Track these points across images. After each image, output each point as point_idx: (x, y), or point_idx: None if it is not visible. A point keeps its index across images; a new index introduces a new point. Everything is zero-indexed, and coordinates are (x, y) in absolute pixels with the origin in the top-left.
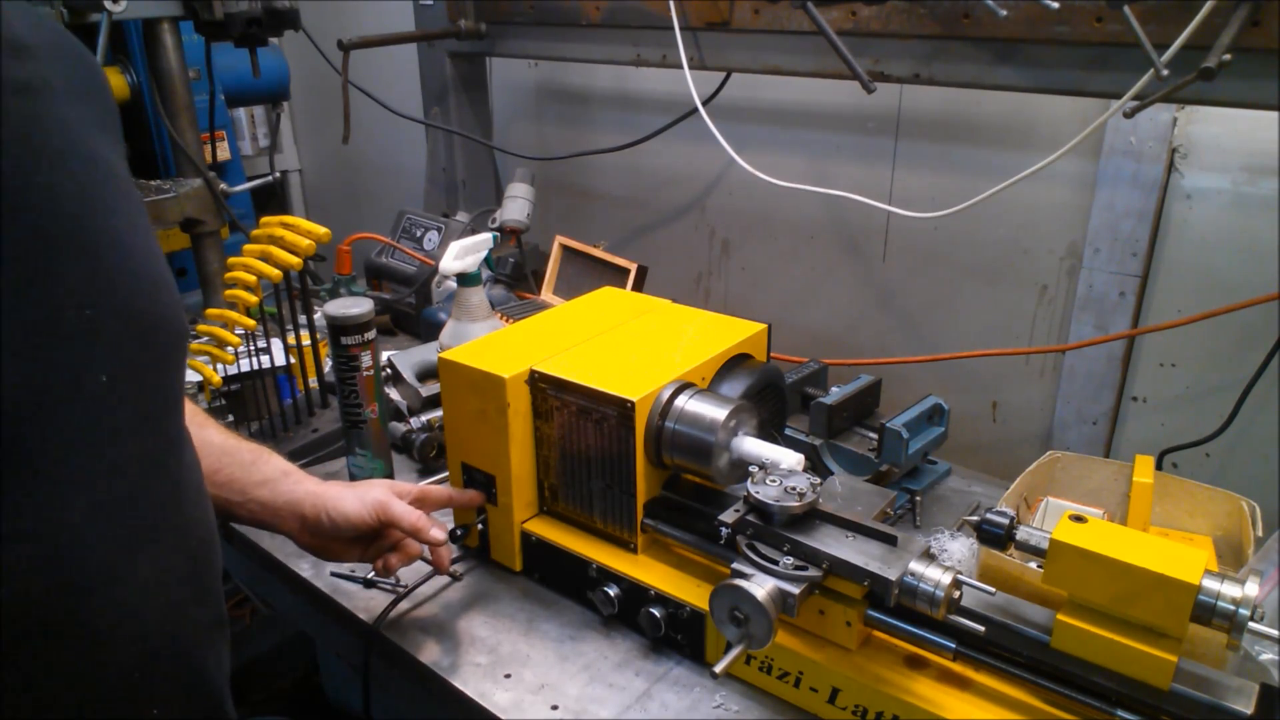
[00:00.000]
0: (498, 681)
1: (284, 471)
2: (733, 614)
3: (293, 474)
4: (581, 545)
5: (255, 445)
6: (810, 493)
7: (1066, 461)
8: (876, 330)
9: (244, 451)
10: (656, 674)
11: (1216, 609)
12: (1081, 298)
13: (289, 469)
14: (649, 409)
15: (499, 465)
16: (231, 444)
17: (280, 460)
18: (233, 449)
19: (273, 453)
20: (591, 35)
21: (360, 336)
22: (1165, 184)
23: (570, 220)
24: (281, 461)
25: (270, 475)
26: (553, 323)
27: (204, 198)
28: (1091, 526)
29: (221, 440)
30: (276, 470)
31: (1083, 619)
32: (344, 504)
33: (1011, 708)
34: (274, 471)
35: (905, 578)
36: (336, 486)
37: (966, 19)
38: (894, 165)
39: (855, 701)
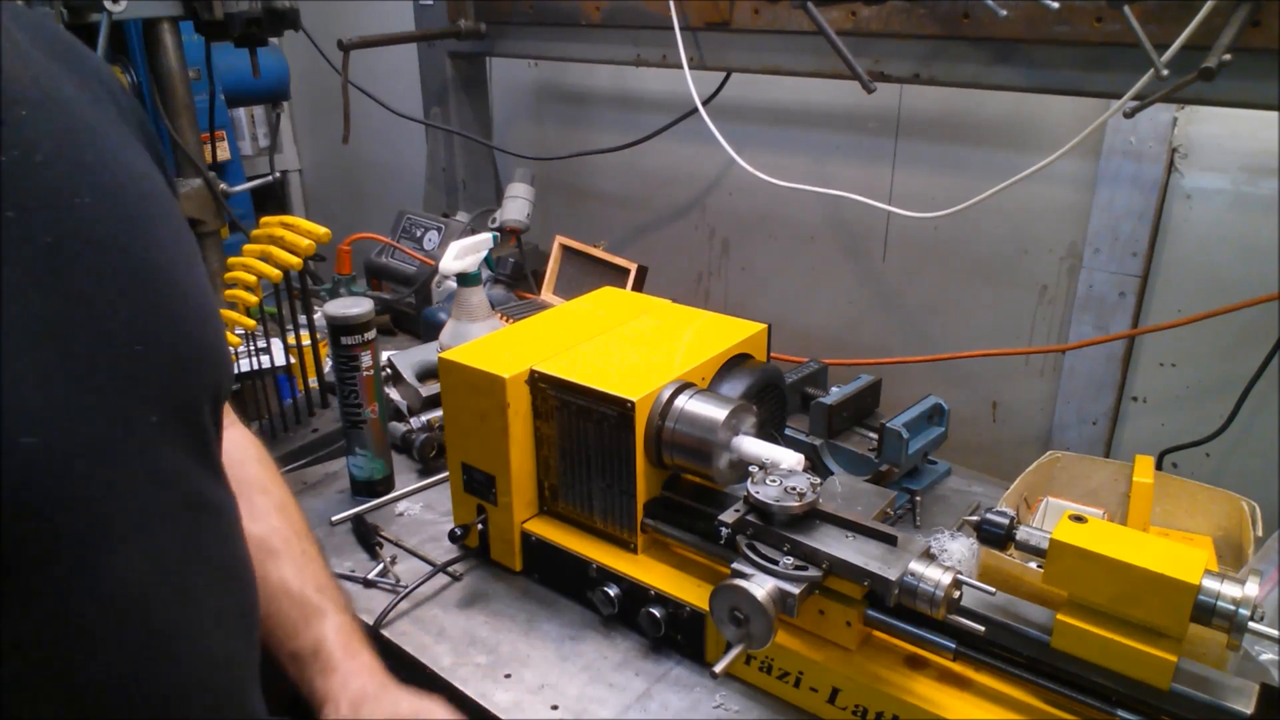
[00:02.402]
0: (498, 681)
1: (315, 652)
2: (732, 614)
3: (323, 656)
4: (581, 545)
5: (312, 598)
6: (810, 493)
7: (1066, 461)
8: (876, 330)
9: (294, 607)
10: (656, 674)
11: (1217, 609)
12: (1081, 298)
13: (323, 649)
14: (649, 409)
15: (499, 465)
16: (285, 590)
17: (329, 628)
18: (281, 599)
19: (330, 613)
20: (591, 35)
21: (360, 336)
22: (1165, 184)
23: (570, 220)
24: (327, 631)
25: (301, 650)
26: (553, 323)
27: (204, 198)
28: (1091, 526)
29: (279, 582)
30: (310, 646)
31: (1083, 619)
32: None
33: (1012, 708)
34: (306, 646)
35: (905, 578)
36: (357, 709)
37: (966, 19)
38: (894, 165)
39: (855, 701)
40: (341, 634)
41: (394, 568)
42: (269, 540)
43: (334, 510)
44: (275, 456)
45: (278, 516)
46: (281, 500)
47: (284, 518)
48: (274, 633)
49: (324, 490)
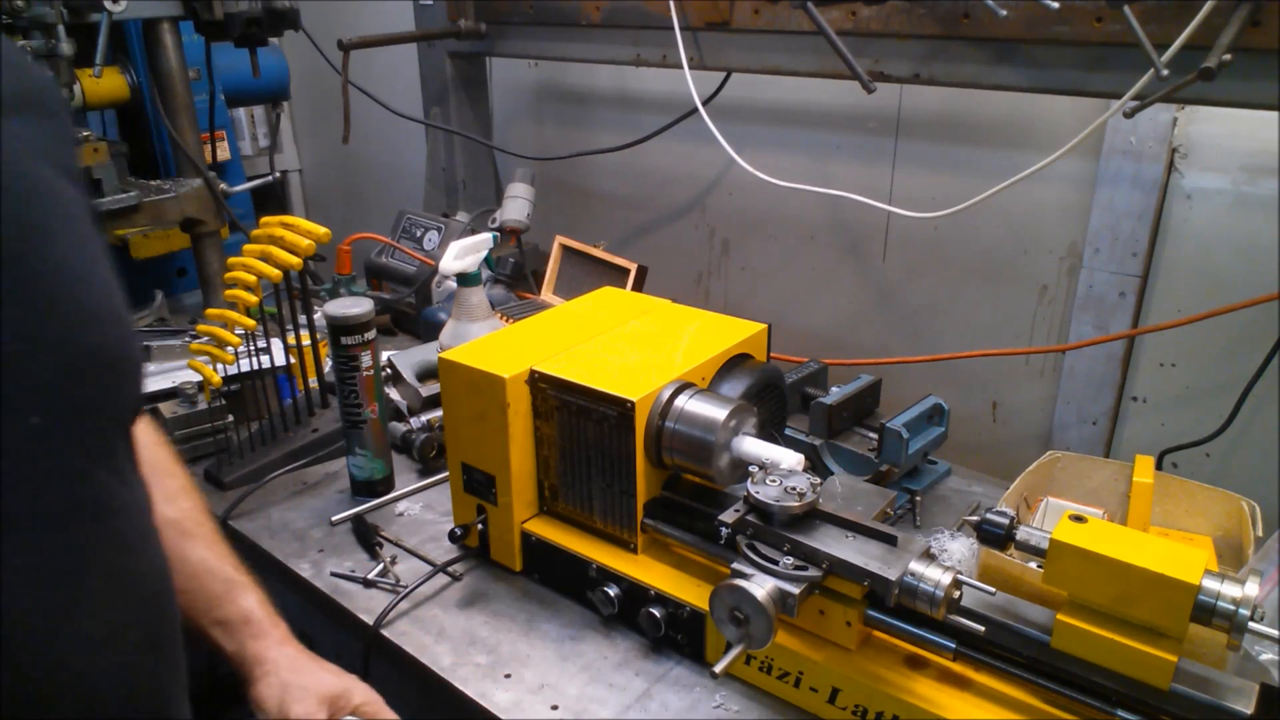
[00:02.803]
0: (498, 681)
1: (245, 619)
2: (733, 614)
3: (254, 623)
4: (581, 545)
5: (235, 575)
6: (810, 493)
7: (1066, 461)
8: (876, 330)
9: (216, 582)
10: (656, 674)
11: (1217, 609)
12: (1081, 298)
13: (253, 617)
14: (649, 409)
15: (499, 465)
16: (206, 568)
17: (253, 600)
18: (204, 575)
19: (250, 586)
20: (591, 35)
21: (360, 336)
22: (1165, 184)
23: (570, 220)
24: (253, 603)
25: (230, 617)
26: (553, 323)
27: (204, 198)
28: (1091, 526)
29: (200, 561)
30: (239, 614)
31: (1083, 619)
32: (262, 696)
33: (1012, 708)
34: (236, 615)
35: (905, 578)
36: (295, 673)
37: (966, 19)
38: (894, 165)
39: (855, 701)
40: (265, 606)
41: (394, 568)
42: (183, 522)
43: (334, 510)
44: (275, 457)
45: (186, 498)
46: (185, 483)
47: (192, 499)
48: (197, 604)
49: (324, 490)
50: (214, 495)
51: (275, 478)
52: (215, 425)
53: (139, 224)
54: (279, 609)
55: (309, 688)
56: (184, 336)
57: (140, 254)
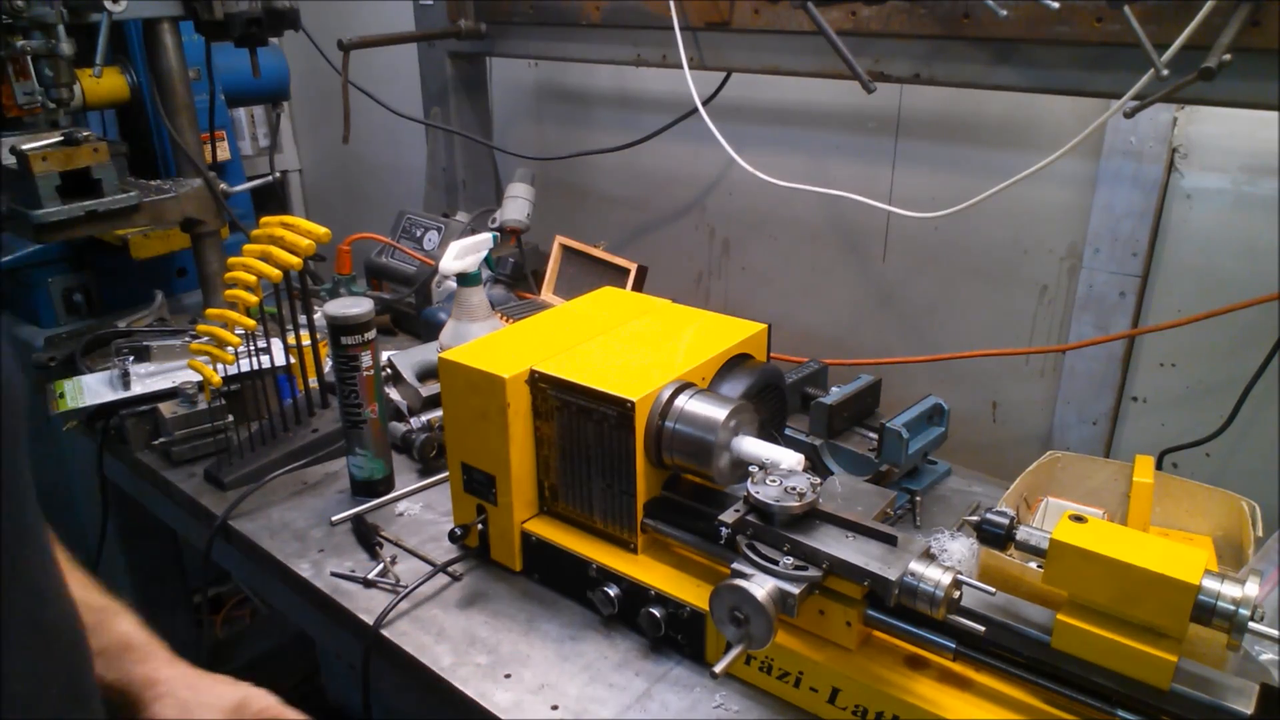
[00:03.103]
0: (498, 681)
1: (125, 645)
2: (733, 614)
3: (135, 647)
4: (581, 545)
5: (104, 601)
6: (810, 493)
7: (1067, 461)
8: (877, 330)
9: (87, 612)
10: (656, 674)
11: (1217, 609)
12: (1082, 298)
13: (133, 641)
14: (649, 409)
15: (499, 465)
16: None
17: (129, 625)
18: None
19: (122, 611)
20: (591, 35)
21: (360, 336)
22: (1165, 184)
23: (571, 220)
24: (130, 627)
25: (107, 645)
26: (553, 323)
27: (204, 198)
28: (1091, 526)
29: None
30: (117, 641)
31: (1083, 619)
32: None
33: (1012, 708)
34: (113, 642)
35: (905, 578)
36: (193, 690)
37: (966, 19)
38: (894, 165)
39: (855, 701)
40: (142, 629)
41: (394, 568)
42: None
43: (334, 510)
44: (275, 457)
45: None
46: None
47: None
48: None
49: (324, 490)
50: (214, 495)
51: (275, 478)
52: (215, 425)
53: (139, 224)
54: (279, 609)
55: (210, 703)
56: (184, 336)
57: (140, 254)
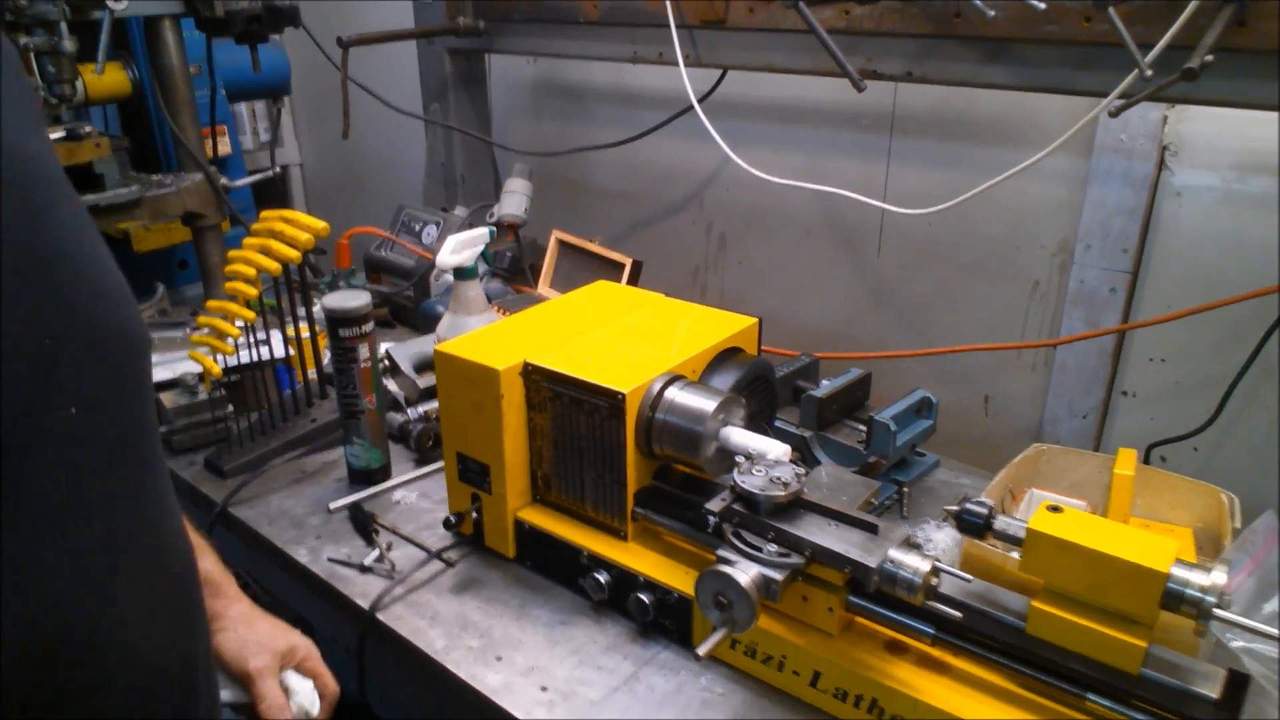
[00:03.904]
0: (489, 664)
1: (205, 579)
2: (717, 599)
3: (211, 583)
4: (573, 533)
5: (195, 538)
6: (795, 483)
7: (1051, 454)
8: (871, 325)
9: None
10: (644, 658)
11: (1185, 596)
12: (1073, 293)
13: (211, 576)
14: (640, 400)
15: (493, 455)
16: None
17: (210, 562)
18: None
19: (205, 549)
20: (589, 33)
21: (358, 329)
22: (1156, 181)
23: (569, 215)
24: (211, 564)
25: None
26: (547, 316)
27: (205, 192)
28: (1067, 516)
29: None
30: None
31: (1057, 606)
32: (222, 648)
33: (988, 692)
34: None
35: (885, 565)
36: (251, 628)
37: (958, 18)
38: (889, 161)
39: (836, 685)
40: (220, 565)
41: (390, 554)
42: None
43: (332, 498)
44: (274, 446)
45: None
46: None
47: None
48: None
49: (322, 479)
50: (214, 483)
51: (274, 466)
52: (215, 415)
53: (140, 218)
54: (278, 595)
55: (264, 643)
56: (185, 328)
57: (142, 247)
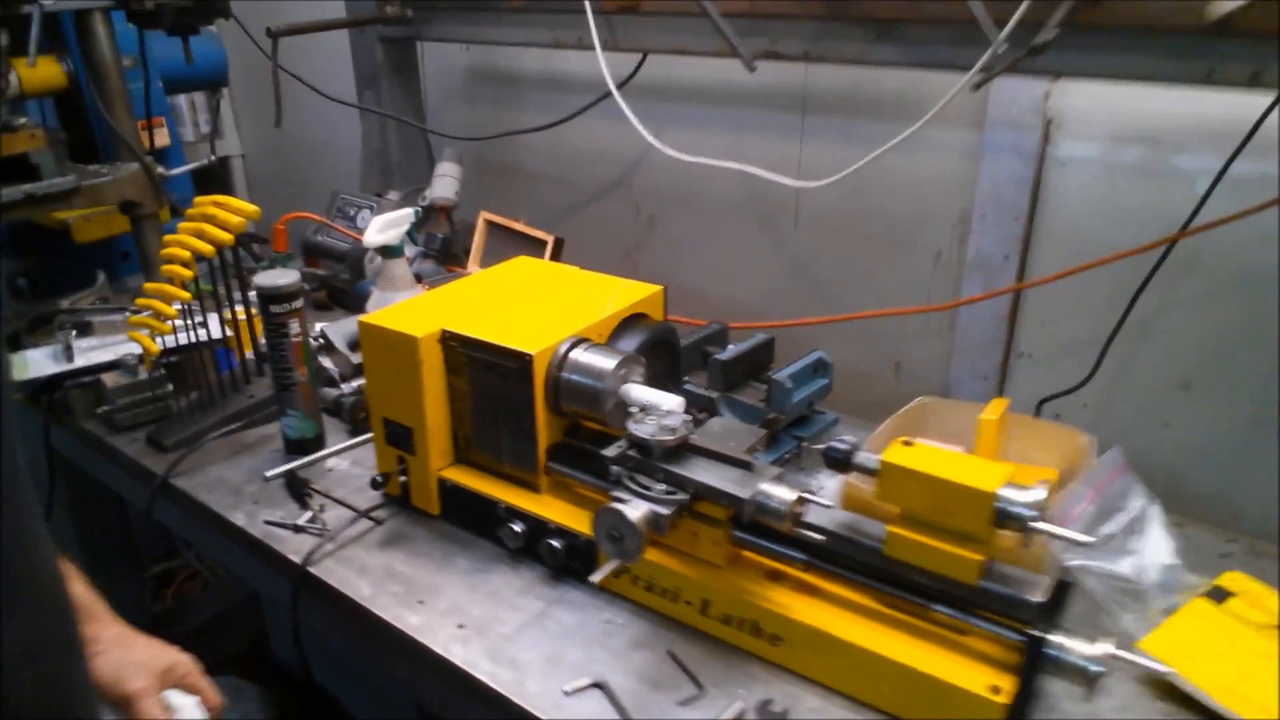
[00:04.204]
0: (411, 607)
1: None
2: (610, 533)
3: (83, 609)
4: (491, 488)
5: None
6: (683, 429)
7: (935, 406)
8: (792, 297)
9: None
10: (554, 597)
11: (1010, 513)
12: (971, 261)
13: (81, 601)
14: (547, 361)
15: (415, 418)
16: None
17: (79, 586)
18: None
19: (73, 575)
20: (512, 19)
21: (288, 305)
22: (1042, 153)
23: (506, 198)
24: (79, 588)
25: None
26: (467, 289)
27: (141, 181)
28: (916, 450)
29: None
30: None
31: (908, 529)
32: (98, 673)
33: (853, 610)
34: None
35: (756, 496)
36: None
37: (849, 0)
38: (802, 139)
39: (724, 611)
40: (88, 590)
41: (322, 515)
42: None
43: (268, 467)
44: (213, 421)
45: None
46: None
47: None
48: None
49: (260, 450)
50: (155, 457)
51: (213, 439)
52: (156, 394)
53: (77, 207)
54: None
55: (143, 663)
56: (125, 312)
57: (82, 237)
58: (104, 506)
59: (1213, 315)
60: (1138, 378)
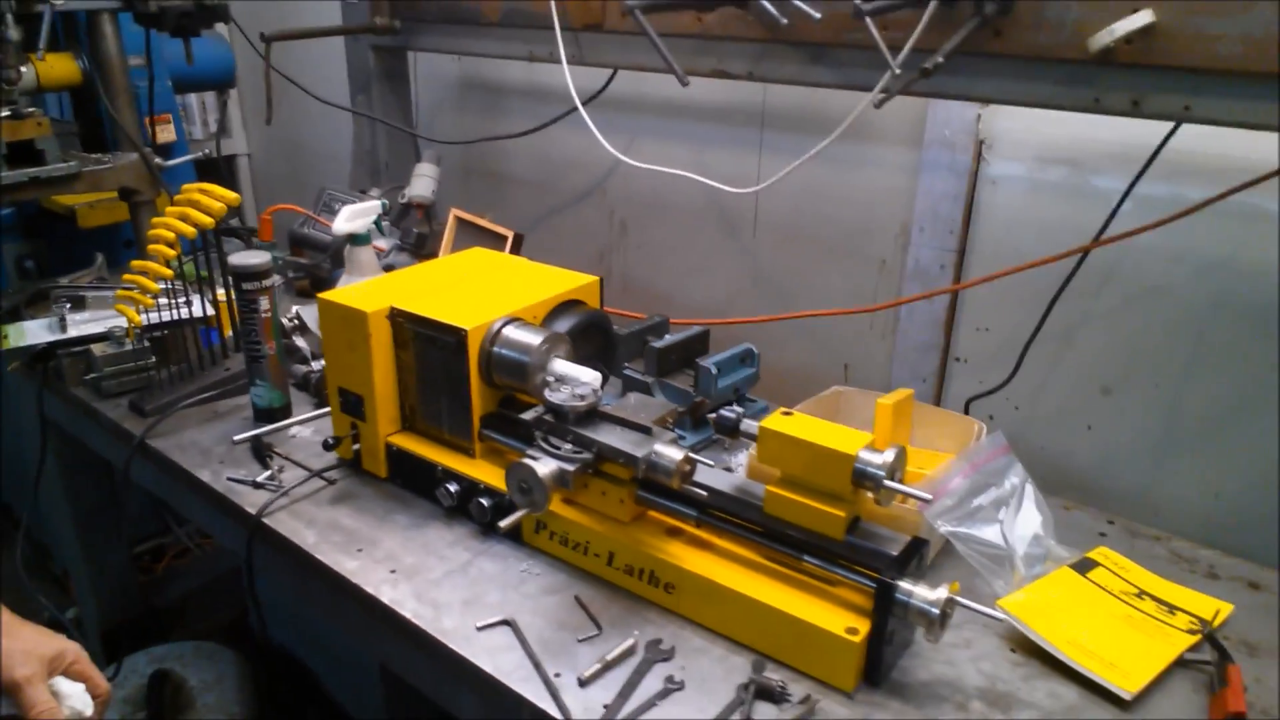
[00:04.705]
0: (350, 554)
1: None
2: (520, 485)
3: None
4: (432, 453)
5: None
6: (592, 396)
7: (848, 395)
8: (750, 300)
9: None
10: (481, 550)
11: (866, 473)
12: (910, 270)
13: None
14: (481, 337)
15: (365, 387)
16: None
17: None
18: None
19: None
20: (491, 34)
21: (258, 283)
22: (975, 171)
23: (489, 201)
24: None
25: None
26: (422, 274)
27: (139, 170)
28: (794, 419)
29: None
30: None
31: (784, 489)
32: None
33: (737, 562)
34: None
35: (650, 456)
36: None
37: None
38: (760, 153)
39: (626, 562)
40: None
41: (280, 475)
42: None
43: (239, 433)
44: (190, 389)
45: None
46: None
47: None
48: None
49: (231, 418)
50: (136, 421)
51: (189, 405)
52: (139, 364)
53: (80, 192)
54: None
55: (29, 651)
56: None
57: (86, 223)
58: (94, 478)
59: (1129, 325)
60: (1062, 382)
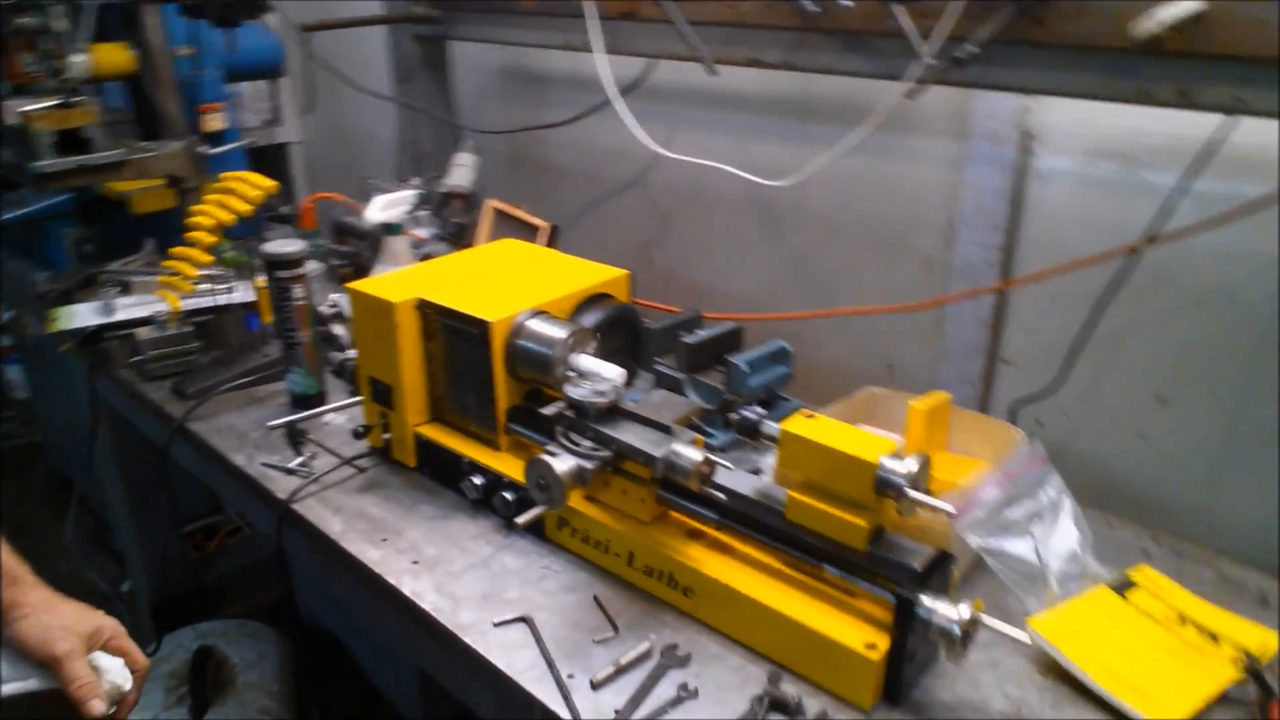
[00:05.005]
0: (374, 544)
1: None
2: (538, 481)
3: (6, 574)
4: (459, 445)
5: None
6: (612, 393)
7: (881, 397)
8: (792, 295)
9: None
10: (504, 544)
11: (889, 481)
12: (956, 267)
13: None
14: (506, 330)
15: (394, 377)
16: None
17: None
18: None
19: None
20: (528, 22)
21: (292, 270)
22: (1022, 165)
23: (534, 192)
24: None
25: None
26: (453, 264)
27: (185, 156)
28: (816, 422)
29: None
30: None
31: (805, 495)
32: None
33: (757, 567)
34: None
35: (668, 455)
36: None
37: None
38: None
39: (646, 563)
40: (12, 555)
41: (313, 461)
42: None
43: (275, 418)
44: (230, 374)
45: None
46: None
47: None
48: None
49: (269, 404)
50: (177, 404)
51: (227, 390)
52: (182, 348)
53: (126, 177)
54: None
55: (69, 627)
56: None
57: (137, 209)
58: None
59: (1185, 329)
60: (1114, 389)
